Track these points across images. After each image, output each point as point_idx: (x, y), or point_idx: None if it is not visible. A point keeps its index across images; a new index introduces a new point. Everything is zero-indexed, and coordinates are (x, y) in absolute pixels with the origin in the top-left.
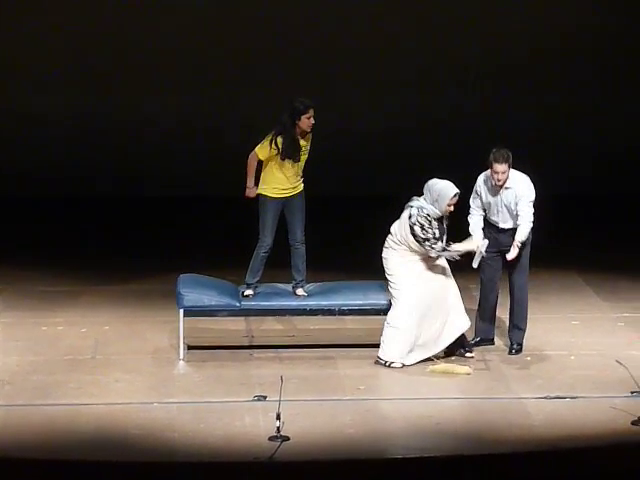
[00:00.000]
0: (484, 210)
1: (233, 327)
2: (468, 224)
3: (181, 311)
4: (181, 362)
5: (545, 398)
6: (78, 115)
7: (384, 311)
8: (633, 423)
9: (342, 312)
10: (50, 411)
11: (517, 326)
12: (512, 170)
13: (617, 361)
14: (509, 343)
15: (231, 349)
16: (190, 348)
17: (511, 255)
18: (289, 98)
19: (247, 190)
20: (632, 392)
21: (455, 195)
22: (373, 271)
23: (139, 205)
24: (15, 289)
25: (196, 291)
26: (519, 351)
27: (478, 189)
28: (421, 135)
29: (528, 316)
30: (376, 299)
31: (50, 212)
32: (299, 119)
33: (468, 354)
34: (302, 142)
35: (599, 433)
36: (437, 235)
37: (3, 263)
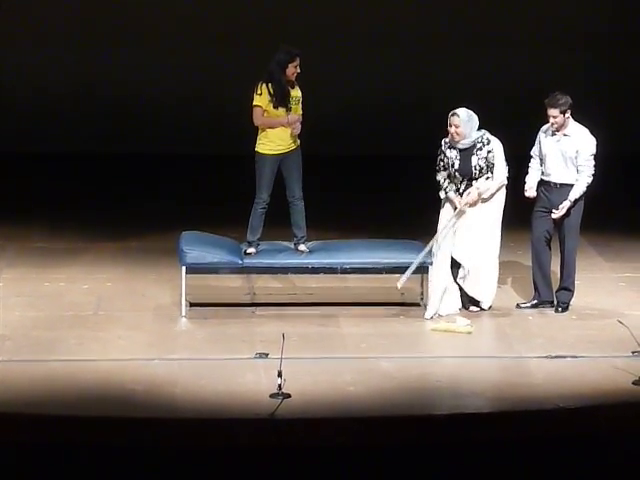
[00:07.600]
0: (541, 160)
1: (235, 284)
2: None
3: (183, 268)
4: (183, 319)
5: (546, 357)
6: (75, 74)
7: (386, 269)
8: (634, 383)
9: (344, 270)
10: (51, 367)
11: (566, 288)
12: (573, 121)
13: (618, 321)
14: (555, 302)
15: (233, 306)
16: (192, 305)
17: (557, 214)
18: (277, 46)
19: (290, 127)
20: (633, 352)
21: (451, 114)
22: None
23: (134, 162)
24: (15, 246)
25: (199, 248)
26: (565, 309)
27: (540, 136)
28: None
29: (530, 275)
30: (378, 257)
31: (45, 168)
32: (286, 67)
33: (473, 308)
34: (292, 92)
35: (600, 393)
36: (441, 165)
37: (1, 220)
